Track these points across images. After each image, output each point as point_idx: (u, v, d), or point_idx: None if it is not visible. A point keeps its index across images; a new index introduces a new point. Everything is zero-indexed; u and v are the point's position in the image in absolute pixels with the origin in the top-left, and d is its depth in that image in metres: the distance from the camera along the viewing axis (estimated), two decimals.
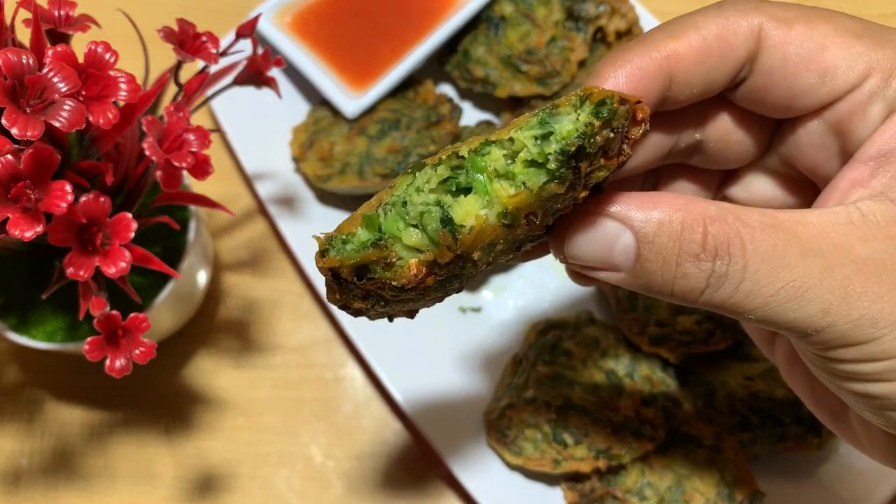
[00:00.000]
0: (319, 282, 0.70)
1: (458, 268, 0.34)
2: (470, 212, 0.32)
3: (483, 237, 0.32)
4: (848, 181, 0.37)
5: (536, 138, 0.32)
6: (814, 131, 0.40)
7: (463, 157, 0.32)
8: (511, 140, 0.32)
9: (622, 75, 0.37)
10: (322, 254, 0.33)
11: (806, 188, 0.44)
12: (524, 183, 0.32)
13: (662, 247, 0.34)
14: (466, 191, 0.33)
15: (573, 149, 0.31)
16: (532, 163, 0.32)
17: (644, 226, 0.34)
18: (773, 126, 0.43)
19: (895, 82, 0.36)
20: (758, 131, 0.43)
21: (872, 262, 0.33)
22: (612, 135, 0.32)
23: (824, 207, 0.35)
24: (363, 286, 0.34)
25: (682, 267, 0.34)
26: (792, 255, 0.33)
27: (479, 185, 0.32)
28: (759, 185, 0.45)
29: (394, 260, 0.33)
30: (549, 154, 0.31)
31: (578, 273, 0.39)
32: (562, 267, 0.73)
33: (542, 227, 0.34)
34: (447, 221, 0.32)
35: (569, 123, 0.32)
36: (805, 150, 0.41)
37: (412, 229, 0.33)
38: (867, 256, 0.33)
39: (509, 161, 0.32)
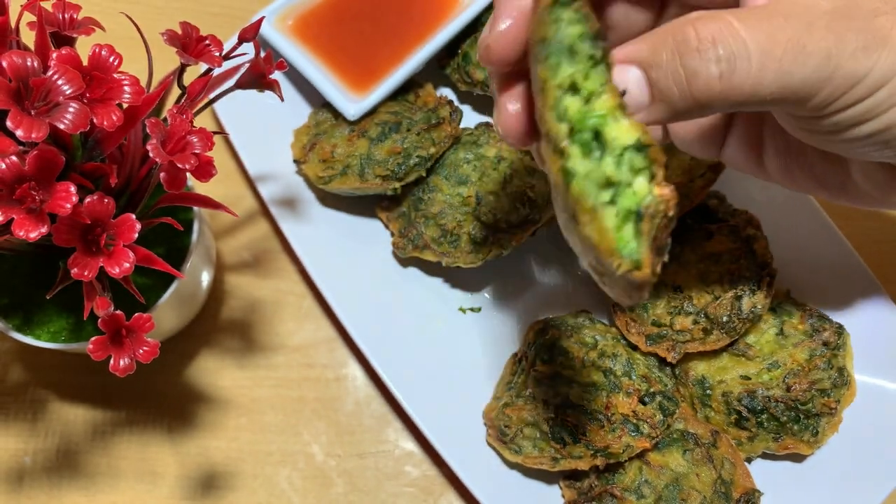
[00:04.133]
0: (321, 283, 0.70)
1: None
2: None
3: None
4: None
5: None
6: None
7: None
8: None
9: None
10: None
11: None
12: None
13: (665, 61, 0.36)
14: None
15: None
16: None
17: (639, 53, 0.37)
18: None
19: None
20: None
21: (841, 9, 0.37)
22: None
23: None
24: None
25: (688, 68, 0.36)
26: (777, 21, 0.36)
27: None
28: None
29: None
30: None
31: None
32: (560, 267, 0.73)
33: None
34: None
35: None
36: None
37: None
38: (833, 7, 0.37)
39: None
